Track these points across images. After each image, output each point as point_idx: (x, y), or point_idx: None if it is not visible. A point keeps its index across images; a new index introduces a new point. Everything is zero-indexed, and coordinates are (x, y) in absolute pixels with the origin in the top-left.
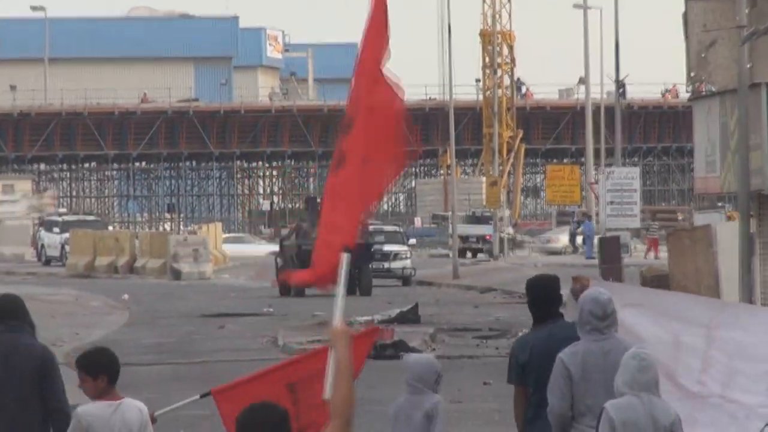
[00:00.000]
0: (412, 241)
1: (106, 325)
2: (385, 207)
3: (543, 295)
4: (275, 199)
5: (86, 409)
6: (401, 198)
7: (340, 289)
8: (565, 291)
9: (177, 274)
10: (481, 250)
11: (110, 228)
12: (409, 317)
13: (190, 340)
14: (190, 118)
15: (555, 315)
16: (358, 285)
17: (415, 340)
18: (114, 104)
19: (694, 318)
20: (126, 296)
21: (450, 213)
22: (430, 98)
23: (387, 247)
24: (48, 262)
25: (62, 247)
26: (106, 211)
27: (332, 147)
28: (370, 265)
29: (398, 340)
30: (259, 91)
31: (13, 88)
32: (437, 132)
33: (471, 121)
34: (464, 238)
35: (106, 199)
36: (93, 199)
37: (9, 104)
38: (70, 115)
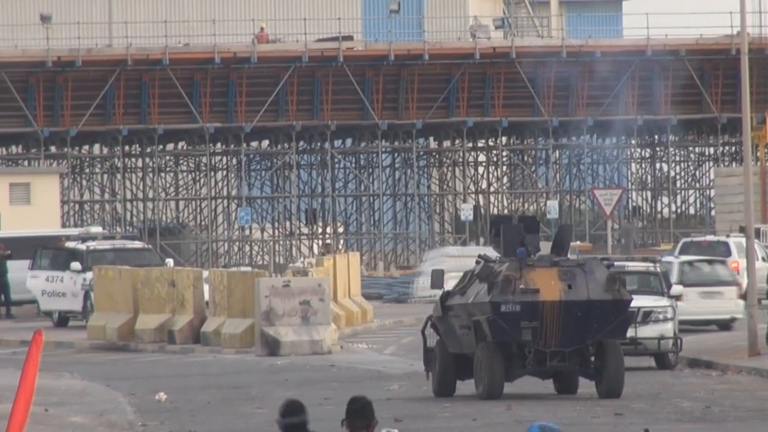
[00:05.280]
0: (678, 287)
1: None
2: (659, 209)
3: None
4: (482, 200)
5: None
6: (692, 197)
7: None
8: None
9: (272, 346)
10: None
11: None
12: None
13: None
14: (338, 67)
15: None
16: (597, 374)
17: None
18: (213, 46)
19: None
20: (162, 395)
21: (750, 228)
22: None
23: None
24: (65, 321)
25: (86, 296)
26: (200, 223)
27: (575, 113)
28: (623, 337)
29: None
30: (453, 22)
31: (45, 19)
32: (756, 88)
33: None
34: None
35: (199, 204)
36: (177, 204)
37: (40, 46)
38: (140, 64)
